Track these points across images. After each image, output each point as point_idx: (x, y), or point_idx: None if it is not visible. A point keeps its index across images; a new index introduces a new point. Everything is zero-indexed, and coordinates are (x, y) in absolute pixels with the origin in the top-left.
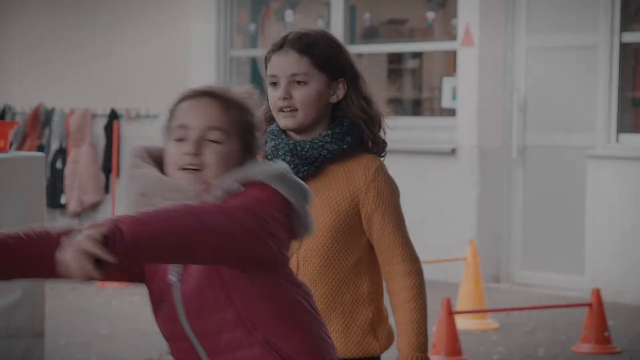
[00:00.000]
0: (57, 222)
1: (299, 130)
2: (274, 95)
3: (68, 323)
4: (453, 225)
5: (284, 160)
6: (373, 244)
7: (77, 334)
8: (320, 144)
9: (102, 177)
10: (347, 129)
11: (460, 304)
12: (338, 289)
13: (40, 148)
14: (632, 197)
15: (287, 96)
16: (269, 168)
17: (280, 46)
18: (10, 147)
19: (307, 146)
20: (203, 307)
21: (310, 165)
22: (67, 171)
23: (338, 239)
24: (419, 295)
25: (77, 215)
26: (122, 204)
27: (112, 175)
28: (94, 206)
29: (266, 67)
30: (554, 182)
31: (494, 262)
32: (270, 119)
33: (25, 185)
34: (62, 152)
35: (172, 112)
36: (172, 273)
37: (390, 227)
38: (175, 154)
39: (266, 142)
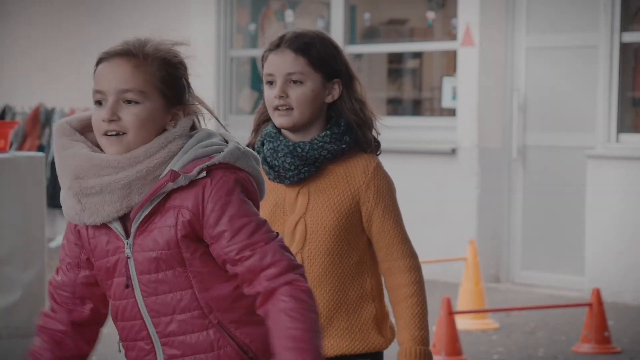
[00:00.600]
0: (57, 222)
1: (294, 129)
2: (270, 94)
3: None
4: (453, 225)
5: (284, 161)
6: (372, 240)
7: None
8: (320, 144)
9: None
10: (345, 129)
11: (460, 304)
12: (343, 287)
13: (40, 148)
14: (632, 197)
15: (283, 95)
16: (225, 148)
17: (277, 45)
18: (10, 147)
19: (307, 147)
20: (160, 284)
21: (311, 165)
22: None
23: (341, 238)
24: (420, 291)
25: None
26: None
27: None
28: None
29: (263, 66)
30: (554, 182)
31: (494, 262)
32: (266, 120)
33: (25, 185)
34: None
35: (93, 76)
36: (127, 247)
37: (390, 224)
38: (96, 120)
39: (263, 144)
